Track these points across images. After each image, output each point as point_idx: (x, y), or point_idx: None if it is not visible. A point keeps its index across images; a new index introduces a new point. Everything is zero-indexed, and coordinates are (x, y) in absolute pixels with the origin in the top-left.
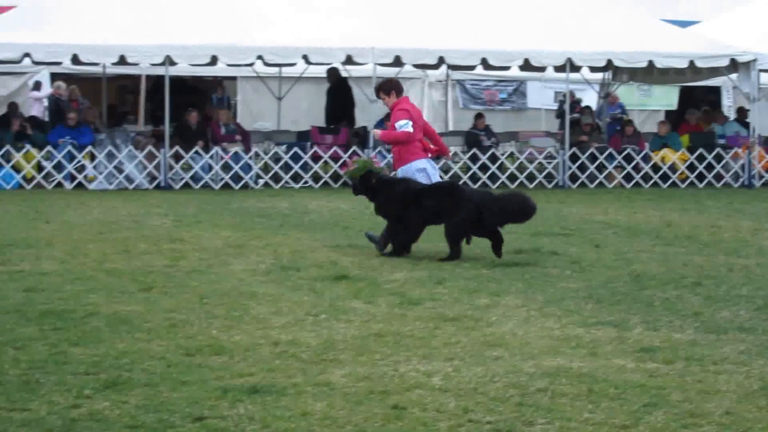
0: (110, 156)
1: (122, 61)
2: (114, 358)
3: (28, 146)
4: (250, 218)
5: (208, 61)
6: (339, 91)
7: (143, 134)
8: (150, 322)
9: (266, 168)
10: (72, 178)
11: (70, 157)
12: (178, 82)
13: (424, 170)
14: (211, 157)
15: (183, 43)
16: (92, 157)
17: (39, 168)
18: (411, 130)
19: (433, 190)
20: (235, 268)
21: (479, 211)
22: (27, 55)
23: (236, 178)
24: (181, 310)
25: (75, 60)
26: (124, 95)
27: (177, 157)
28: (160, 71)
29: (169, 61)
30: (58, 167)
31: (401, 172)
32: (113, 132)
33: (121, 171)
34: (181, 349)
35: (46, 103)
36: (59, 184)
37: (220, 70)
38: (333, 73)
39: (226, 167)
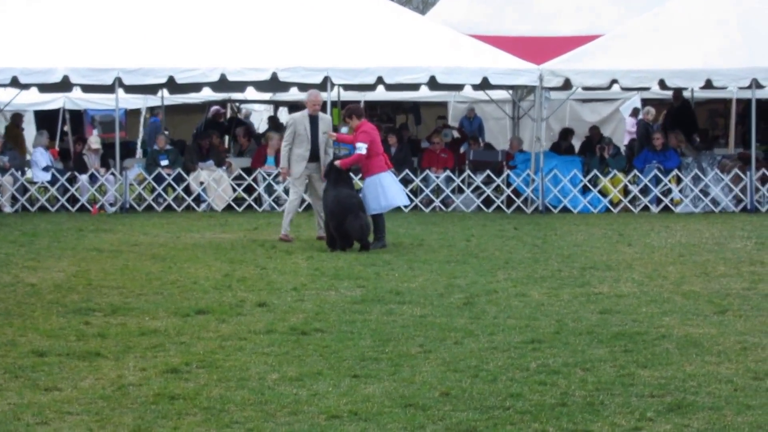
0: (696, 179)
1: (708, 85)
2: (681, 381)
3: (614, 171)
4: None
5: None
6: None
7: (729, 157)
8: (721, 344)
9: None
10: (658, 201)
11: (656, 181)
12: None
13: (391, 179)
14: None
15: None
16: (678, 181)
17: (625, 192)
18: (364, 153)
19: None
20: None
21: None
22: (615, 81)
23: None
24: (754, 333)
25: (662, 85)
26: (715, 119)
27: (764, 180)
28: (749, 94)
29: (755, 84)
30: (645, 191)
31: (369, 181)
32: (699, 155)
33: (707, 194)
34: (749, 373)
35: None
36: (645, 208)
37: None
38: None
39: None
